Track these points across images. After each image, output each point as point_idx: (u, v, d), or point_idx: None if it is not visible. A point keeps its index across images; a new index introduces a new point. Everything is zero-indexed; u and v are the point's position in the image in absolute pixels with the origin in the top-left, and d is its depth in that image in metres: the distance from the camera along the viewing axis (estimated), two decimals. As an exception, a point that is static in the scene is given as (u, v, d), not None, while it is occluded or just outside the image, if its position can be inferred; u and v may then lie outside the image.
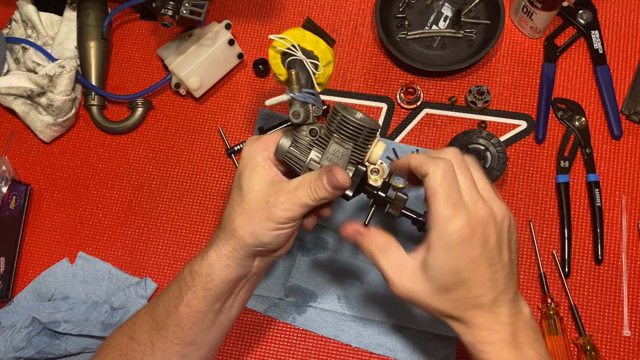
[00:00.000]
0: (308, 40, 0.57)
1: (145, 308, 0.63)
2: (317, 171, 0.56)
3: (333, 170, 0.53)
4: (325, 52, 0.57)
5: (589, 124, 0.84)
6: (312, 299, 0.79)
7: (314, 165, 0.57)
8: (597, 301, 0.77)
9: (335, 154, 0.56)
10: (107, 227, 0.85)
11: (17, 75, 0.85)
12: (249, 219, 0.56)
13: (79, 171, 0.88)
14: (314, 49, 0.57)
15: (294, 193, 0.55)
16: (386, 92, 0.88)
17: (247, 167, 0.58)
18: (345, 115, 0.55)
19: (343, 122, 0.55)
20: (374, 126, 0.56)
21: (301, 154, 0.58)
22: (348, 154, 0.56)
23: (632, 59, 0.87)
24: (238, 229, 0.56)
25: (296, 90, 0.56)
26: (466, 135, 0.80)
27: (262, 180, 0.57)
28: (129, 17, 0.95)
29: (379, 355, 0.76)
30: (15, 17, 0.92)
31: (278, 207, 0.55)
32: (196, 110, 0.89)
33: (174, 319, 0.59)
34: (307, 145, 0.58)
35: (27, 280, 0.82)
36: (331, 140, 0.56)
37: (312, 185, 0.55)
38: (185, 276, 0.59)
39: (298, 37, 0.57)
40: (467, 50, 0.88)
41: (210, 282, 0.58)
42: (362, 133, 0.56)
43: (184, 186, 0.86)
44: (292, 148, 0.58)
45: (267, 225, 0.55)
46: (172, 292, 0.60)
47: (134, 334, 0.61)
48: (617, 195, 0.81)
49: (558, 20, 0.89)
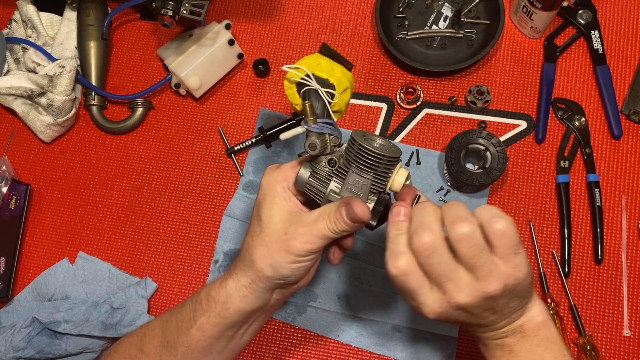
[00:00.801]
0: (323, 67, 0.55)
1: (157, 321, 0.63)
2: (336, 203, 0.54)
3: (352, 203, 0.52)
4: (341, 79, 0.56)
5: (589, 124, 0.84)
6: (312, 299, 0.79)
7: (333, 197, 0.55)
8: (597, 301, 0.77)
9: (355, 184, 0.54)
10: (107, 227, 0.85)
11: (17, 75, 0.85)
12: (269, 250, 0.55)
13: (79, 171, 0.88)
14: (330, 76, 0.55)
15: (313, 225, 0.54)
16: (386, 92, 0.88)
17: (266, 197, 0.57)
18: (363, 145, 0.53)
19: (361, 152, 0.53)
20: (394, 154, 0.54)
21: (320, 184, 0.56)
22: (368, 184, 0.54)
23: (632, 59, 0.87)
24: (257, 260, 0.55)
25: (311, 122, 0.54)
26: (466, 135, 0.80)
27: (282, 211, 0.55)
28: (129, 17, 0.95)
29: (379, 355, 0.76)
30: (15, 17, 0.92)
31: (298, 240, 0.54)
32: (196, 110, 0.89)
33: (184, 339, 0.59)
34: (327, 175, 0.56)
35: (27, 280, 0.82)
36: (350, 171, 0.54)
37: (332, 218, 0.53)
38: (201, 299, 0.59)
39: (313, 66, 0.56)
40: (467, 50, 0.88)
41: (226, 310, 0.57)
42: (382, 163, 0.53)
43: (184, 186, 0.86)
44: (311, 179, 0.56)
45: (287, 258, 0.54)
46: (187, 313, 0.59)
47: (143, 346, 0.61)
48: (617, 195, 0.81)
49: (558, 20, 0.89)
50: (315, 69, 0.55)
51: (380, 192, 0.56)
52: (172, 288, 0.82)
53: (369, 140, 0.56)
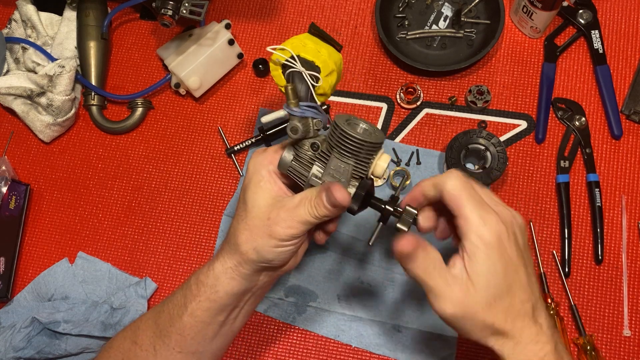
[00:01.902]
0: (309, 49, 0.55)
1: (150, 313, 0.63)
2: (317, 188, 0.55)
3: (332, 188, 0.52)
4: (327, 61, 0.55)
5: (589, 123, 0.84)
6: (312, 299, 0.79)
7: (315, 181, 0.55)
8: (597, 301, 0.77)
9: (337, 169, 0.55)
10: (107, 227, 0.85)
11: (17, 75, 0.85)
12: (252, 234, 0.55)
13: (78, 171, 0.88)
14: (315, 58, 0.55)
15: (294, 210, 0.54)
16: (386, 92, 0.88)
17: (251, 181, 0.57)
18: (344, 131, 0.53)
19: (342, 137, 0.53)
20: (376, 139, 0.54)
21: (303, 168, 0.56)
22: (350, 169, 0.54)
23: (632, 59, 0.87)
24: (242, 244, 0.56)
25: (293, 105, 0.54)
26: (466, 135, 0.80)
27: (266, 195, 0.56)
28: (128, 17, 0.95)
29: (379, 355, 0.76)
30: (15, 17, 0.92)
31: (279, 225, 0.54)
32: (196, 110, 0.89)
33: (177, 327, 0.59)
34: (309, 159, 0.56)
35: (27, 280, 0.82)
36: (332, 155, 0.54)
37: (313, 203, 0.54)
38: (191, 285, 0.59)
39: (298, 47, 0.55)
40: (467, 50, 0.88)
41: (215, 293, 0.58)
42: (363, 149, 0.54)
43: (184, 186, 0.86)
44: (294, 162, 0.56)
45: (270, 242, 0.55)
46: (177, 300, 0.60)
47: (137, 338, 0.61)
48: (617, 195, 0.81)
49: (558, 20, 0.89)
50: (301, 50, 0.55)
51: (363, 178, 0.56)
52: (172, 288, 0.82)
53: (352, 125, 0.56)
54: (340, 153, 0.54)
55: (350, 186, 0.55)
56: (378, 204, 0.57)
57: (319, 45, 0.56)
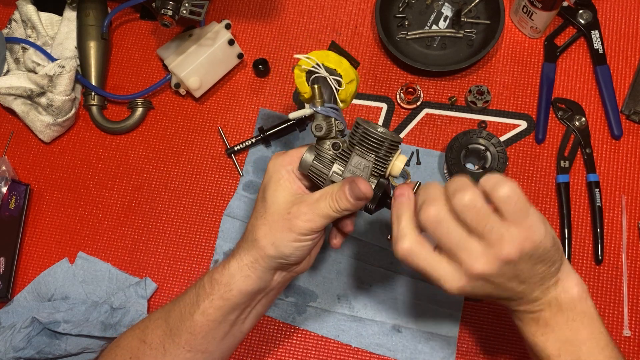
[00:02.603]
0: (332, 59, 0.59)
1: (159, 312, 0.63)
2: (339, 182, 0.56)
3: (355, 181, 0.54)
4: (348, 70, 0.59)
5: (589, 124, 0.84)
6: (312, 299, 0.79)
7: (336, 177, 0.58)
8: (597, 301, 0.77)
9: (357, 167, 0.57)
10: (107, 227, 0.85)
11: (17, 75, 0.85)
12: (271, 229, 0.56)
13: (78, 171, 0.88)
14: (337, 67, 0.58)
15: (316, 204, 0.56)
16: (386, 92, 0.88)
17: (271, 179, 0.59)
18: (367, 128, 0.56)
19: (365, 134, 0.56)
20: (396, 139, 0.57)
21: (324, 167, 0.58)
22: (370, 166, 0.57)
23: (632, 59, 0.87)
24: (260, 239, 0.57)
25: (318, 104, 0.57)
26: (466, 135, 0.80)
27: (286, 193, 0.58)
28: (128, 17, 0.95)
29: (379, 355, 0.76)
30: (15, 17, 0.92)
31: (300, 218, 0.55)
32: (196, 110, 0.89)
33: (188, 325, 0.59)
34: (330, 159, 0.58)
35: (27, 280, 0.82)
36: (353, 153, 0.57)
37: (335, 196, 0.55)
38: (204, 284, 0.60)
39: (322, 57, 0.59)
40: (467, 50, 0.88)
41: (229, 291, 0.58)
42: (384, 145, 0.56)
43: (184, 186, 0.86)
44: (315, 162, 0.58)
45: (289, 236, 0.56)
46: (189, 299, 0.60)
47: (146, 337, 0.61)
48: (617, 195, 0.81)
49: (558, 20, 0.89)
50: (325, 59, 0.59)
51: (381, 176, 0.58)
52: (172, 288, 0.82)
53: (372, 126, 0.59)
54: (362, 150, 0.57)
55: (370, 182, 0.57)
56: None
57: (340, 58, 0.59)
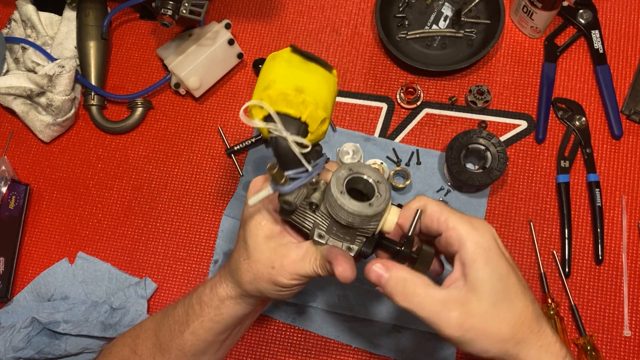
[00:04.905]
0: (292, 102, 0.45)
1: (151, 322, 0.63)
2: (321, 250, 0.52)
3: (333, 262, 0.49)
4: (313, 113, 0.46)
5: (589, 123, 0.84)
6: (312, 299, 0.79)
7: (318, 242, 0.52)
8: (598, 301, 0.77)
9: (340, 231, 0.51)
10: (107, 227, 0.85)
11: (17, 75, 0.85)
12: (255, 279, 0.54)
13: (78, 171, 0.88)
14: (300, 113, 0.46)
15: (299, 264, 0.52)
16: (386, 91, 0.88)
17: (252, 219, 0.54)
18: (340, 207, 0.47)
19: (337, 211, 0.48)
20: (377, 209, 0.48)
21: (305, 222, 0.52)
22: (354, 233, 0.50)
23: (633, 59, 0.87)
24: (245, 284, 0.55)
25: (282, 185, 0.47)
26: (466, 135, 0.79)
27: (267, 239, 0.53)
28: (128, 17, 0.95)
29: (379, 355, 0.76)
30: (15, 16, 0.92)
31: (284, 276, 0.53)
32: (196, 110, 0.89)
33: (177, 343, 0.59)
34: (310, 215, 0.51)
35: (27, 281, 0.82)
36: (331, 220, 0.50)
37: (317, 263, 0.52)
38: (193, 304, 0.59)
39: (278, 102, 0.45)
40: (467, 50, 0.88)
41: (219, 315, 0.58)
42: (364, 222, 0.48)
43: (184, 186, 0.86)
44: (294, 216, 0.52)
45: (273, 288, 0.54)
46: (179, 316, 0.59)
47: (137, 347, 0.61)
48: (618, 195, 0.81)
49: (558, 20, 0.89)
50: (281, 105, 0.46)
51: (370, 236, 0.52)
52: (172, 288, 0.81)
53: (353, 182, 0.51)
54: (339, 224, 0.49)
55: (356, 243, 0.52)
56: (392, 247, 0.53)
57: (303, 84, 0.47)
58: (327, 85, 0.48)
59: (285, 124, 0.45)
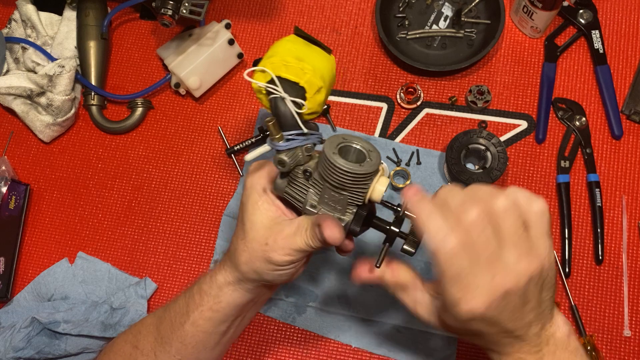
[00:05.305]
0: (291, 68, 0.50)
1: (152, 317, 0.63)
2: (311, 219, 0.53)
3: (322, 225, 0.50)
4: (311, 80, 0.51)
5: (590, 123, 0.84)
6: (312, 299, 0.79)
7: (310, 211, 0.53)
8: (598, 301, 0.77)
9: (331, 199, 0.52)
10: (107, 227, 0.85)
11: (17, 75, 0.85)
12: (251, 258, 0.55)
13: (78, 171, 0.88)
14: (299, 78, 0.50)
15: (292, 238, 0.53)
16: (386, 91, 0.88)
17: (249, 200, 0.56)
18: (332, 164, 0.49)
19: (331, 170, 0.50)
20: (368, 168, 0.50)
21: (299, 194, 0.54)
22: (345, 199, 0.52)
23: (633, 59, 0.87)
24: (241, 265, 0.56)
25: (277, 140, 0.50)
26: (466, 135, 0.79)
27: (263, 217, 0.55)
28: (128, 16, 0.95)
29: (379, 355, 0.76)
30: (15, 16, 0.92)
31: (277, 252, 0.54)
32: (196, 110, 0.89)
33: (178, 335, 0.59)
34: (304, 185, 0.54)
35: (27, 280, 0.82)
36: (324, 186, 0.51)
37: (308, 234, 0.53)
38: (194, 294, 0.59)
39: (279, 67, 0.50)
40: (467, 50, 0.88)
41: (218, 304, 0.58)
42: (355, 180, 0.50)
43: (184, 186, 0.86)
44: (288, 189, 0.54)
45: (268, 267, 0.55)
46: (180, 308, 0.60)
47: (138, 343, 0.62)
48: (618, 195, 0.81)
49: (558, 20, 0.89)
50: (282, 70, 0.50)
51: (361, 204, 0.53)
52: (172, 288, 0.81)
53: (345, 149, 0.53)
54: (332, 185, 0.51)
55: (347, 213, 0.53)
56: (382, 225, 0.54)
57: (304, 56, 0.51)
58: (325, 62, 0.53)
59: (285, 87, 0.50)
